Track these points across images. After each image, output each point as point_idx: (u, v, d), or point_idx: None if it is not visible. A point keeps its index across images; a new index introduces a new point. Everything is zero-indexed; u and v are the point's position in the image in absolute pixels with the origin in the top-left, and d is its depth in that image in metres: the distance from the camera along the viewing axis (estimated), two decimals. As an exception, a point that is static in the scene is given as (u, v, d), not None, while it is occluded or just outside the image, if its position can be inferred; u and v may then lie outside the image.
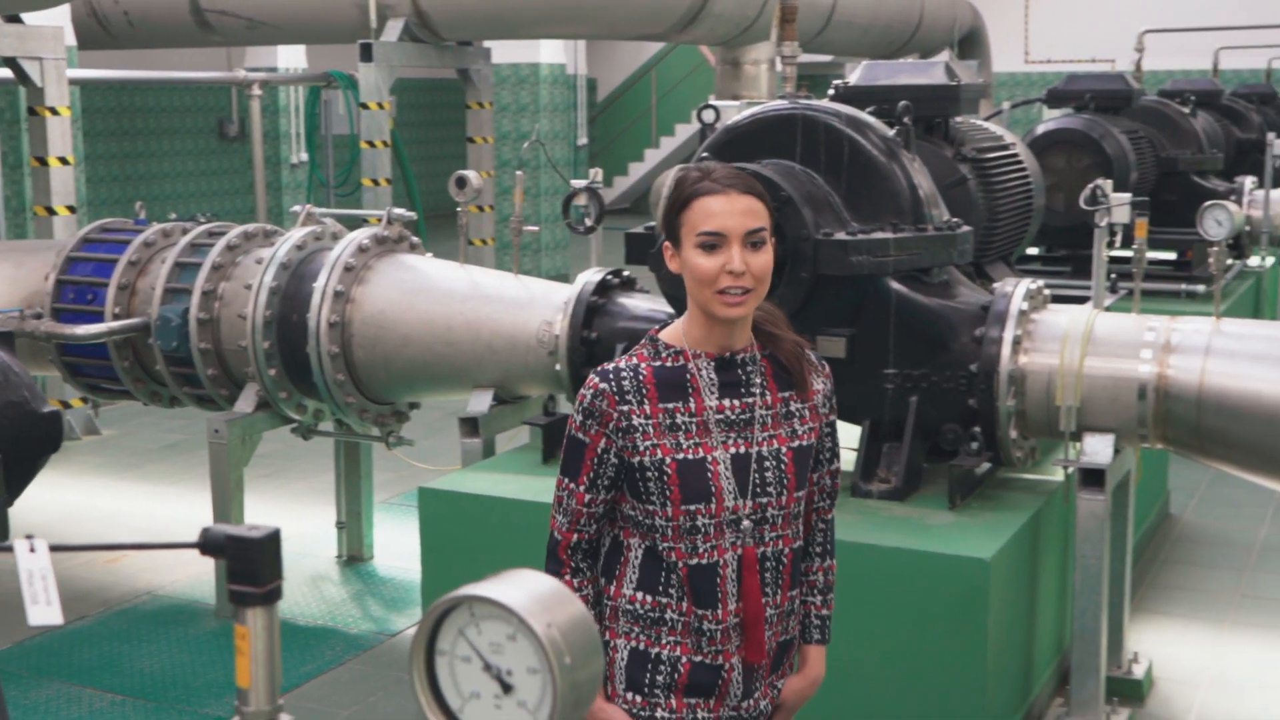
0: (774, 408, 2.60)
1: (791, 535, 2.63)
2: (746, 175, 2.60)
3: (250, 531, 1.08)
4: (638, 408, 2.55)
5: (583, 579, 2.69)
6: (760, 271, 2.52)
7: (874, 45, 16.30)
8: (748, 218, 2.51)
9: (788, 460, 2.60)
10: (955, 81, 5.65)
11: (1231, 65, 18.04)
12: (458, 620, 0.96)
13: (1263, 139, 10.90)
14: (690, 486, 2.54)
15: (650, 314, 5.10)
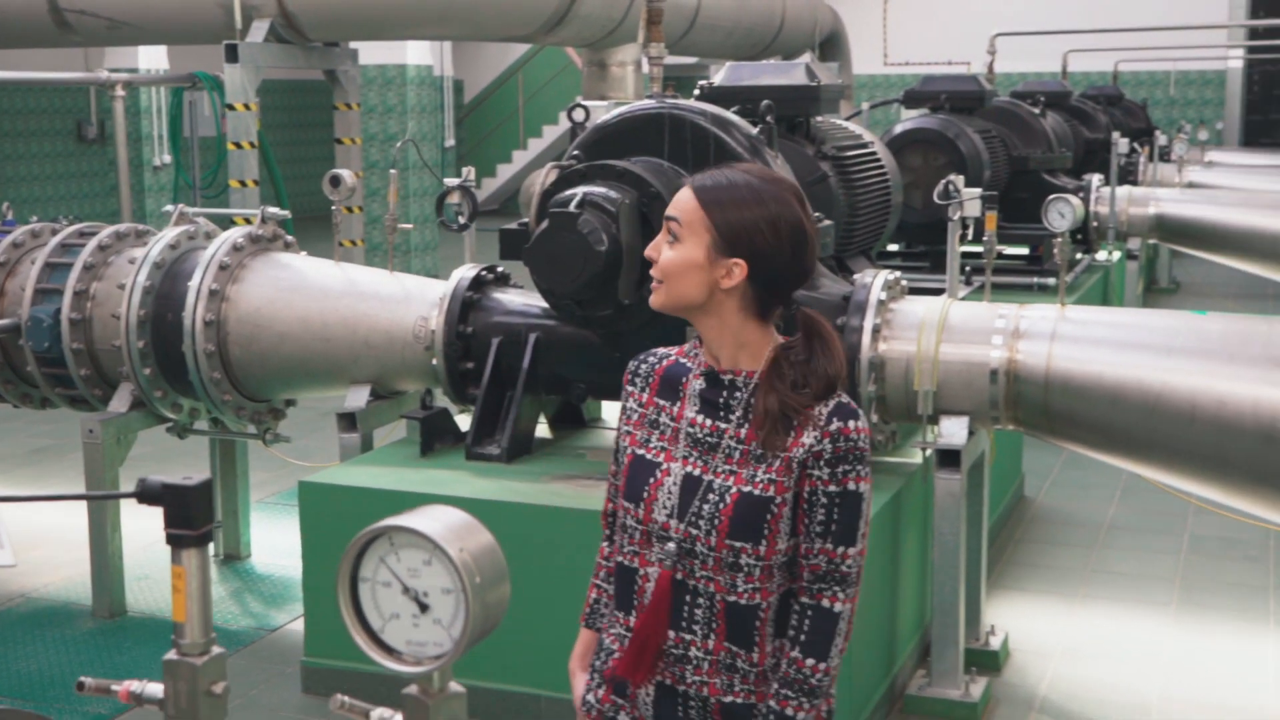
0: (746, 444, 2.37)
1: (725, 585, 2.37)
2: (714, 177, 2.42)
3: (184, 480, 1.18)
4: (639, 394, 2.50)
5: (611, 549, 2.59)
6: (664, 265, 2.39)
7: (737, 48, 16.57)
8: (671, 206, 2.43)
9: (730, 502, 2.35)
10: (815, 82, 5.87)
11: (1080, 68, 18.70)
12: (379, 549, 1.08)
13: (1109, 138, 11.37)
14: (633, 483, 2.44)
15: (525, 308, 5.22)
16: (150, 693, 1.23)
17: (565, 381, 5.17)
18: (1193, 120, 21.86)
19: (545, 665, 4.64)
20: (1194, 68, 23.23)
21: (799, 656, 2.37)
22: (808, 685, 2.36)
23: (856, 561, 2.37)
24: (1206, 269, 14.31)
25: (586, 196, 4.59)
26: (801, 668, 2.36)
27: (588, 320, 4.83)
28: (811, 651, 2.36)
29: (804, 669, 2.36)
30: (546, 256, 4.58)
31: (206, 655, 1.11)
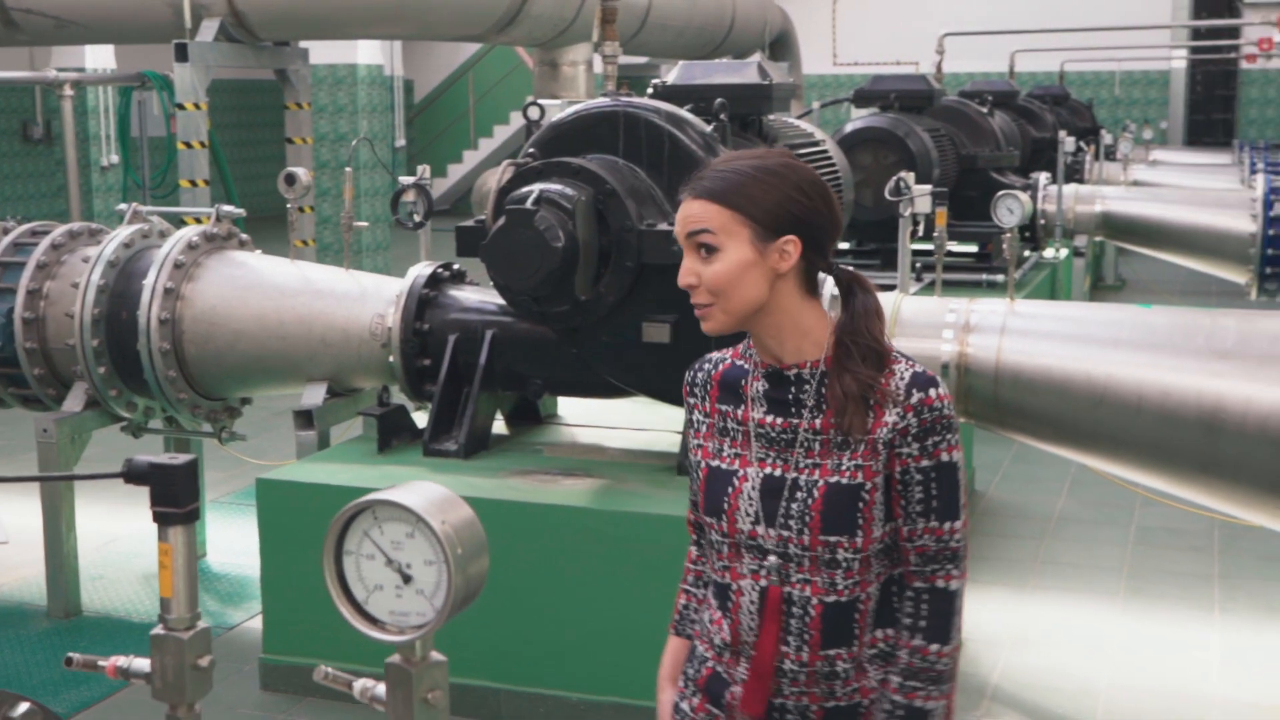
0: (825, 433, 2.26)
1: (822, 585, 2.27)
2: (717, 175, 2.29)
3: (171, 460, 1.21)
4: (701, 403, 2.40)
5: (702, 553, 2.51)
6: (713, 281, 2.25)
7: (688, 47, 16.65)
8: (689, 224, 2.27)
9: (818, 495, 2.26)
10: (767, 81, 5.92)
11: (1026, 68, 18.92)
12: (362, 524, 1.12)
13: (1056, 137, 11.51)
14: (711, 497, 2.34)
15: (481, 305, 5.25)
16: (137, 667, 1.26)
17: (522, 378, 5.20)
18: (1137, 120, 22.15)
19: (506, 660, 4.68)
20: (1138, 68, 23.53)
21: (922, 644, 2.28)
22: (934, 672, 2.29)
23: (963, 535, 2.29)
24: (1151, 266, 14.50)
25: (543, 193, 4.63)
26: (926, 655, 2.28)
27: (545, 316, 4.87)
28: (934, 636, 2.28)
29: (929, 656, 2.28)
30: (503, 253, 4.61)
31: (192, 630, 1.15)
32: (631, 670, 4.57)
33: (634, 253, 4.72)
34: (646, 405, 5.74)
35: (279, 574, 4.99)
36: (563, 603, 4.62)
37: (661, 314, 4.84)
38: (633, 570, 4.54)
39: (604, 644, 4.60)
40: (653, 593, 4.53)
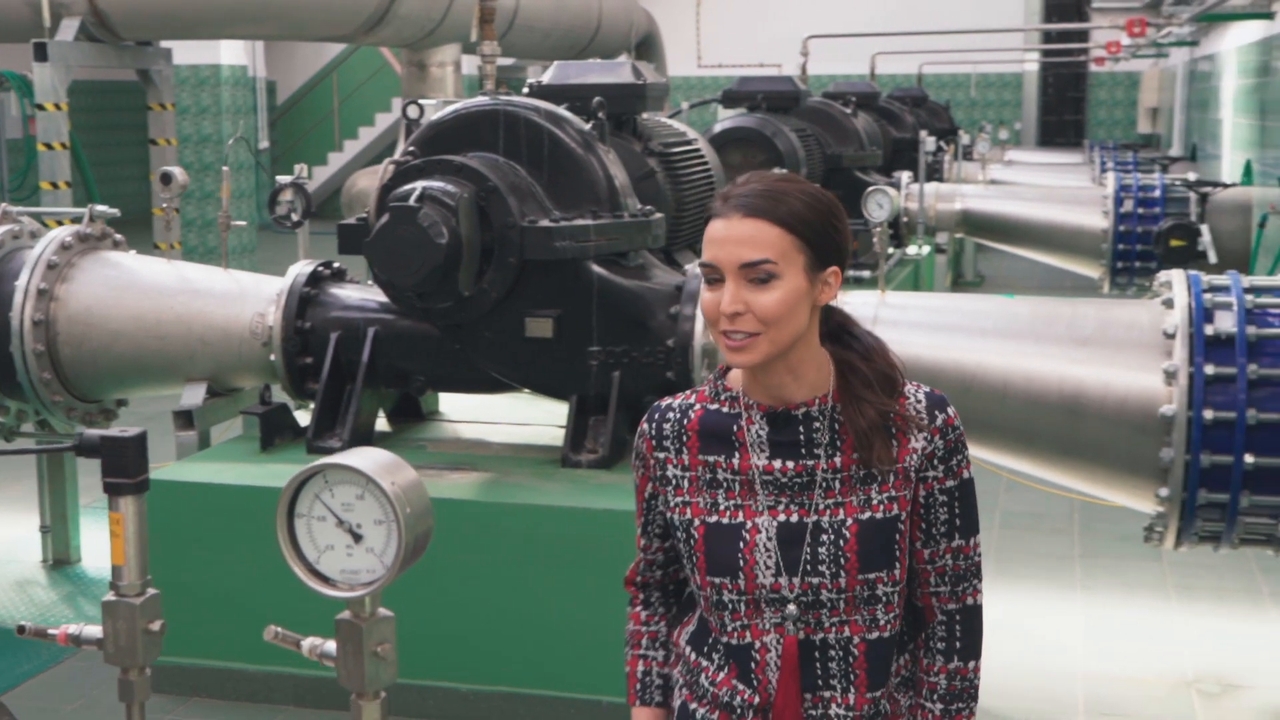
0: (845, 470, 2.16)
1: (863, 623, 2.17)
2: (769, 195, 2.12)
3: (121, 433, 1.26)
4: (675, 456, 2.22)
5: (652, 614, 2.39)
6: (764, 313, 2.07)
7: (555, 49, 16.72)
8: (743, 247, 2.08)
9: (850, 535, 2.15)
10: (642, 80, 6.04)
11: (886, 70, 19.31)
12: (313, 488, 1.19)
13: (916, 137, 11.81)
14: (717, 556, 2.18)
15: (363, 303, 5.28)
16: (88, 634, 1.30)
17: (405, 374, 5.24)
18: (993, 120, 22.74)
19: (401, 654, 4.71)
20: (993, 70, 24.17)
21: (960, 665, 2.25)
22: (971, 689, 2.26)
23: (980, 551, 2.26)
24: (1010, 262, 14.95)
25: (426, 191, 4.68)
26: (965, 675, 2.25)
27: (428, 313, 4.92)
28: (970, 654, 2.25)
29: (968, 675, 2.25)
30: (387, 250, 4.65)
31: (143, 595, 1.20)
32: (521, 660, 4.64)
33: (516, 249, 4.79)
34: (527, 400, 5.82)
35: (166, 575, 4.94)
36: (451, 595, 4.67)
37: (544, 309, 4.92)
38: (522, 561, 4.61)
39: (494, 635, 4.66)
40: (543, 582, 4.62)
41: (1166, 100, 21.81)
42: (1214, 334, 4.46)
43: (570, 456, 4.94)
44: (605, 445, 4.94)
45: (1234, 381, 4.40)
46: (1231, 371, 4.40)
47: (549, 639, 4.62)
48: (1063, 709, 4.96)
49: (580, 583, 4.54)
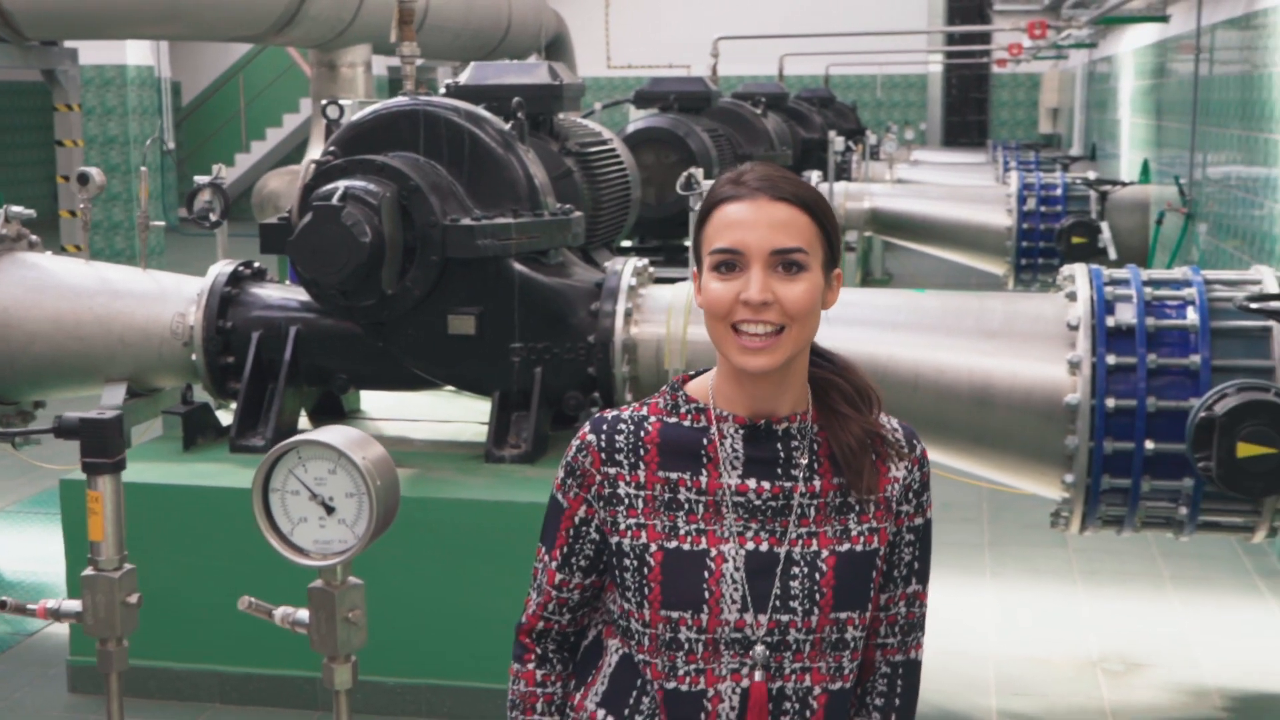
0: (823, 496, 1.95)
1: (827, 670, 1.94)
2: (792, 179, 1.94)
3: (100, 414, 1.31)
4: (628, 473, 1.96)
5: (549, 672, 2.10)
6: (795, 305, 1.87)
7: (465, 49, 16.73)
8: (776, 232, 1.88)
9: (827, 568, 1.92)
10: (558, 81, 6.12)
11: (794, 71, 19.58)
12: (288, 463, 1.26)
13: (825, 137, 11.99)
14: (675, 586, 1.92)
15: (284, 302, 5.31)
16: (68, 608, 1.35)
17: (327, 373, 5.28)
18: (899, 121, 23.09)
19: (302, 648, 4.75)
20: (898, 71, 24.53)
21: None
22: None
23: (923, 601, 2.06)
24: (917, 260, 15.21)
25: (348, 190, 4.73)
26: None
27: (351, 311, 4.97)
28: (906, 713, 2.05)
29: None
30: (311, 249, 4.69)
31: (120, 570, 1.26)
32: (447, 653, 4.70)
33: (439, 247, 4.85)
34: (448, 398, 5.88)
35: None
36: (377, 590, 4.70)
37: (466, 307, 4.98)
38: (448, 555, 4.68)
39: (419, 628, 4.71)
40: (468, 576, 4.69)
41: (1066, 101, 22.29)
42: (1115, 325, 4.63)
43: (493, 452, 5.01)
44: (528, 440, 5.02)
45: (1134, 371, 4.58)
46: (1132, 361, 4.58)
47: (474, 632, 4.69)
48: (975, 689, 5.12)
49: (505, 576, 4.60)
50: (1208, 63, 9.07)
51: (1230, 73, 8.31)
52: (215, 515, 4.78)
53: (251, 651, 4.79)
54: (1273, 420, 4.25)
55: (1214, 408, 4.34)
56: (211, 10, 11.35)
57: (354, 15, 12.42)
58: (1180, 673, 5.22)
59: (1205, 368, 4.56)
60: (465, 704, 4.70)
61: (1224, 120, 8.37)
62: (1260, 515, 4.65)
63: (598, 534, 1.99)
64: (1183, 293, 4.73)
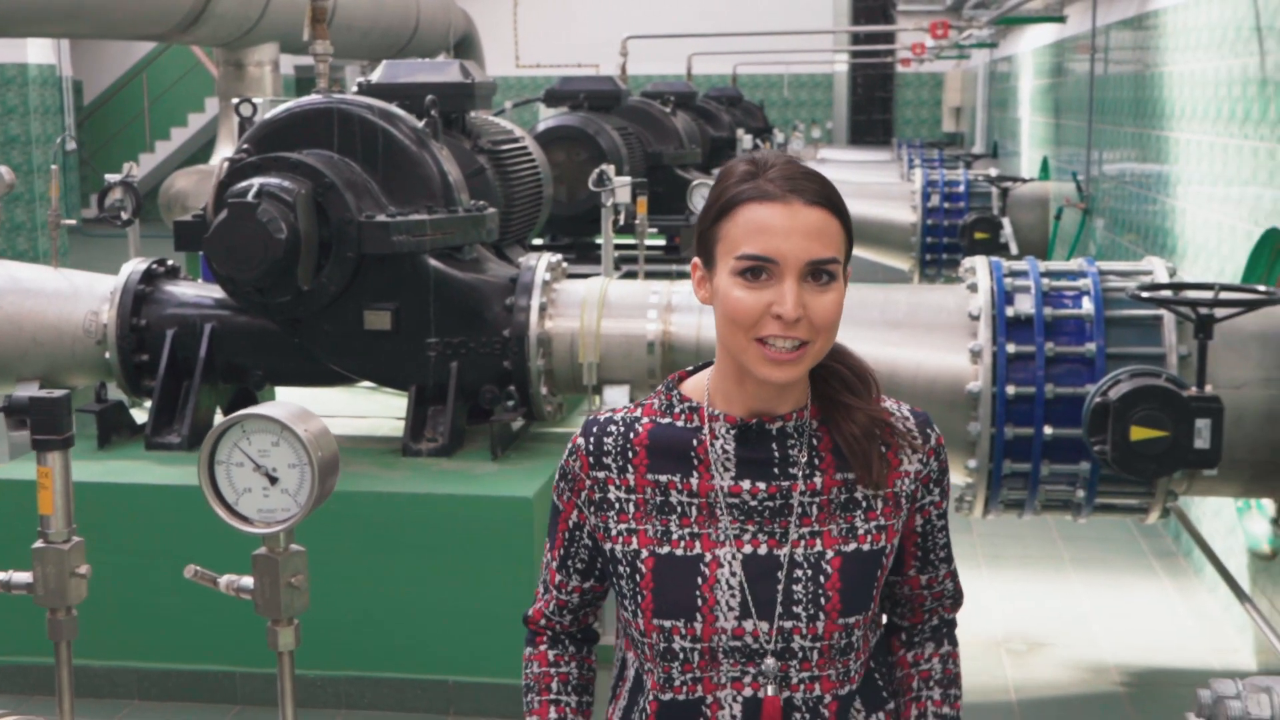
0: (826, 493, 1.85)
1: (836, 677, 1.84)
2: (817, 177, 1.84)
3: (48, 393, 1.37)
4: (618, 476, 1.88)
5: (562, 653, 2.02)
6: (824, 318, 1.78)
7: (373, 48, 16.68)
8: (813, 241, 1.78)
9: (832, 570, 1.84)
10: (470, 79, 6.18)
11: (701, 70, 19.72)
12: (232, 437, 1.34)
13: (734, 136, 12.14)
14: (667, 594, 1.84)
15: (198, 299, 5.32)
16: (18, 580, 1.40)
17: (243, 370, 5.30)
18: (805, 120, 23.37)
19: (240, 642, 4.78)
20: (804, 71, 24.82)
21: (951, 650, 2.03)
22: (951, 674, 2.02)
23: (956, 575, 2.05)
24: (824, 257, 15.41)
25: (263, 187, 4.76)
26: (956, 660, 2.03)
27: (267, 307, 5.00)
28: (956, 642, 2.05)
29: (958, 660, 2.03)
30: (226, 246, 4.72)
31: (70, 542, 1.32)
32: (368, 644, 4.75)
33: (354, 244, 4.90)
34: (364, 394, 5.93)
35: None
36: (296, 583, 4.75)
37: (382, 302, 5.03)
38: (364, 548, 4.72)
39: (340, 621, 4.76)
40: (386, 568, 4.74)
41: (969, 100, 22.69)
42: (1014, 315, 4.79)
43: (410, 446, 5.07)
44: (444, 434, 5.08)
45: (1033, 359, 4.74)
46: (1031, 350, 4.74)
47: (395, 623, 4.74)
48: (884, 672, 5.26)
49: (424, 567, 4.67)
50: (1103, 62, 9.33)
51: (1125, 72, 8.57)
52: (131, 512, 4.79)
53: (169, 647, 4.81)
54: (1164, 405, 4.42)
55: (1109, 393, 4.51)
56: (117, 8, 11.25)
57: (261, 13, 12.37)
58: (1080, 651, 5.41)
59: (1100, 355, 4.73)
60: (385, 695, 4.75)
61: (1119, 118, 8.63)
62: (1153, 496, 4.84)
63: (590, 539, 1.92)
64: (1078, 283, 4.90)
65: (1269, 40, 5.30)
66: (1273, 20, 5.27)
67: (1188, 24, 6.78)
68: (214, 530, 4.72)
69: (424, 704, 4.72)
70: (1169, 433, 4.42)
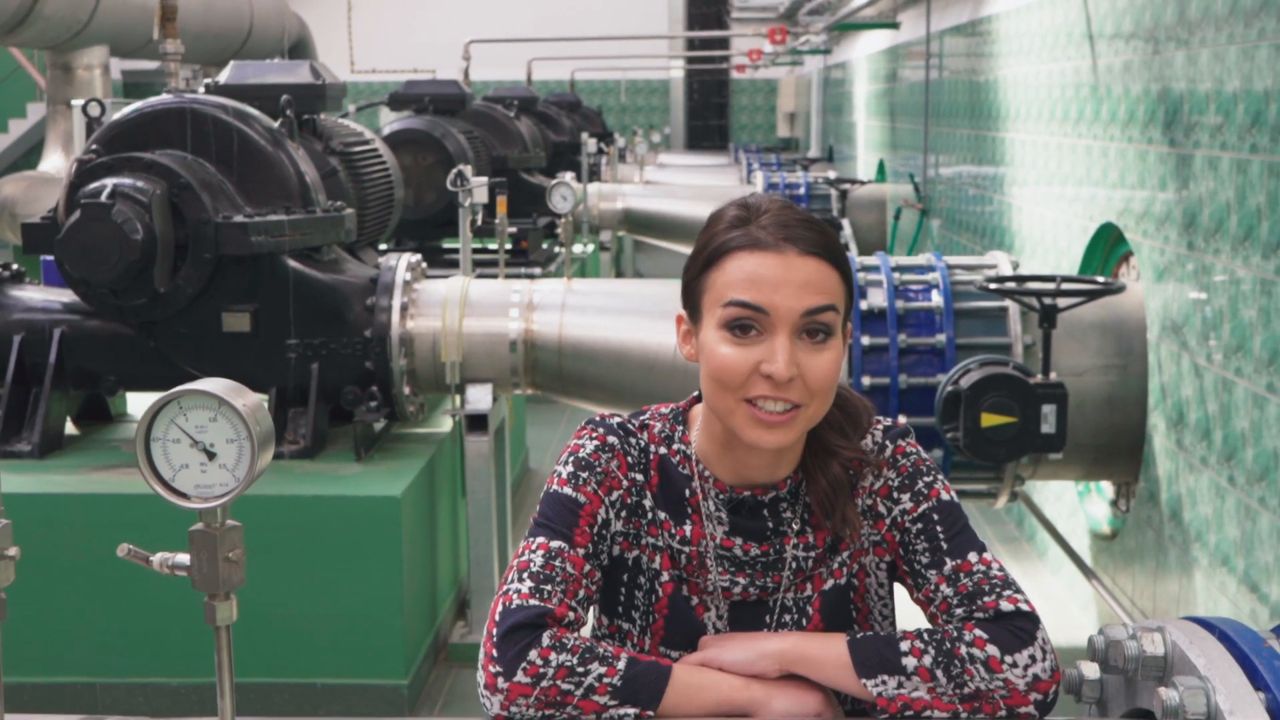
0: (819, 546, 1.76)
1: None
2: (815, 224, 1.70)
3: None
4: (649, 486, 1.76)
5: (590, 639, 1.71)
6: (820, 381, 1.65)
7: (206, 52, 16.37)
8: (808, 293, 1.64)
9: (813, 611, 1.76)
10: (321, 81, 6.14)
11: (541, 76, 19.77)
12: (169, 414, 1.34)
13: (575, 141, 12.21)
14: (677, 625, 1.75)
15: (47, 304, 5.19)
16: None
17: (95, 375, 5.19)
18: (643, 125, 23.58)
19: (100, 652, 4.68)
20: (641, 77, 25.04)
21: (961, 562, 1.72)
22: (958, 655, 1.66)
23: (1000, 566, 1.74)
24: (667, 260, 15.58)
25: (117, 188, 4.68)
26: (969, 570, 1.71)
27: (122, 310, 4.90)
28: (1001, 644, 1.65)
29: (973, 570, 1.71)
30: (80, 247, 4.63)
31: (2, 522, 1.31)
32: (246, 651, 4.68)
33: (211, 244, 4.84)
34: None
35: None
36: (162, 588, 4.67)
37: (240, 304, 4.98)
38: (228, 552, 4.66)
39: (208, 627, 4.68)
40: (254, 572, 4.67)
41: (803, 105, 23.14)
42: (868, 309, 4.95)
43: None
44: (306, 436, 5.04)
45: (887, 351, 4.90)
46: (884, 342, 4.90)
47: (261, 627, 4.69)
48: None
49: (287, 569, 4.63)
50: (938, 67, 9.63)
51: (959, 76, 8.86)
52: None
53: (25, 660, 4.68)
54: (1012, 392, 4.61)
55: (960, 382, 4.68)
56: (-64, 9, 10.87)
57: (90, 16, 12.07)
58: (933, 634, 5.57)
59: (950, 346, 4.91)
60: (250, 699, 4.69)
61: (954, 121, 8.91)
62: (1001, 481, 5.03)
63: (614, 544, 1.74)
64: (927, 277, 5.08)
65: (1100, 43, 5.55)
66: (1103, 25, 5.52)
67: (1020, 29, 7.05)
68: (78, 536, 4.63)
69: (292, 707, 4.68)
70: (1017, 418, 4.61)
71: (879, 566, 1.79)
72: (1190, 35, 4.53)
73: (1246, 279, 4.02)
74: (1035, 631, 1.65)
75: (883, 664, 1.64)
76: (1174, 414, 4.69)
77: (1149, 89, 4.93)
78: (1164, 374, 4.79)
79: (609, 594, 1.76)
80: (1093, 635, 1.55)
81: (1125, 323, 5.05)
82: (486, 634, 1.65)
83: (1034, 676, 1.61)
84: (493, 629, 1.64)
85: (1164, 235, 4.75)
